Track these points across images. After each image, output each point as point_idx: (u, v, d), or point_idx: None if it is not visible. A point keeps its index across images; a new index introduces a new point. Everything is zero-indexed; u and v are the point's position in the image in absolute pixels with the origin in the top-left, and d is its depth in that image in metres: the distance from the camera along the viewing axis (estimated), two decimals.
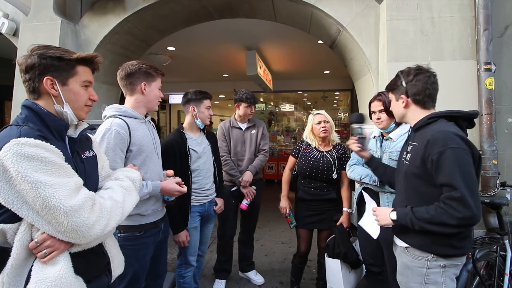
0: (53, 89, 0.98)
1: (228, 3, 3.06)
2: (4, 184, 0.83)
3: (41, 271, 0.88)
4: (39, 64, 0.95)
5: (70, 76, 1.01)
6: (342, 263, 2.06)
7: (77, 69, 1.02)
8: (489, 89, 2.18)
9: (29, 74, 0.96)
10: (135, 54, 3.49)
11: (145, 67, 1.55)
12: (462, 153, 1.17)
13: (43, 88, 0.97)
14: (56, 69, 0.97)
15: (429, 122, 1.30)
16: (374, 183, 1.76)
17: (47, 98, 0.99)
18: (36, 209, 0.85)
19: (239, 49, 5.15)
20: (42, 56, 0.96)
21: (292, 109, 10.12)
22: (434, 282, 1.27)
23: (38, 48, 0.97)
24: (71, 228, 0.88)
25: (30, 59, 0.95)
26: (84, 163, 1.06)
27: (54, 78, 0.97)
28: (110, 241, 1.14)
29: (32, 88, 0.97)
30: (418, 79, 1.33)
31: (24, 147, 0.83)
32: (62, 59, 0.98)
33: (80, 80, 1.03)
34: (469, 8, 2.30)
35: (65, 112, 1.00)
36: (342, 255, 2.04)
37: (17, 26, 3.01)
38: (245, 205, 2.52)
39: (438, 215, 1.17)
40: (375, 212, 1.44)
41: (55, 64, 0.97)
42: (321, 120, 2.24)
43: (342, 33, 2.78)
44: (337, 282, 2.07)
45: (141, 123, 1.55)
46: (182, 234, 1.90)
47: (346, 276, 2.07)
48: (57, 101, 0.99)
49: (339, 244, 2.06)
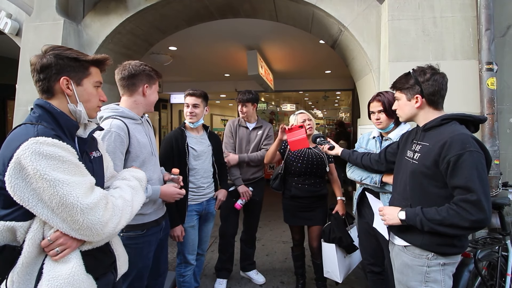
0: (68, 88, 1.00)
1: (230, 3, 3.06)
2: (21, 181, 0.84)
3: (53, 269, 0.89)
4: (56, 64, 0.97)
5: (84, 76, 1.04)
6: (337, 248, 2.15)
7: (91, 70, 1.06)
8: (491, 89, 2.18)
9: (44, 74, 0.97)
10: (137, 53, 3.50)
11: (148, 69, 1.56)
12: (480, 157, 1.18)
13: (58, 87, 0.99)
14: (72, 69, 1.00)
15: (441, 123, 1.30)
16: (375, 184, 1.76)
17: (61, 97, 1.01)
18: (52, 207, 0.86)
19: (240, 49, 5.16)
20: (59, 56, 0.98)
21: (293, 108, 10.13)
22: (434, 280, 1.28)
23: (52, 48, 0.99)
24: (86, 225, 0.89)
25: (45, 58, 0.97)
26: (92, 163, 1.08)
27: (70, 78, 1.00)
28: (116, 240, 1.16)
29: (46, 87, 0.99)
30: (435, 79, 1.32)
31: (42, 146, 0.84)
32: (78, 60, 1.02)
33: (93, 80, 1.07)
34: (471, 8, 2.30)
35: (79, 111, 1.02)
36: (338, 240, 2.13)
37: (20, 26, 3.03)
38: (239, 205, 2.51)
39: (450, 217, 1.18)
40: (381, 211, 1.43)
41: (71, 65, 1.00)
42: (305, 118, 2.31)
43: (344, 33, 2.77)
44: (332, 266, 2.16)
45: (137, 123, 1.55)
46: (178, 229, 1.91)
47: (341, 261, 2.17)
48: (71, 101, 1.02)
49: (334, 230, 2.16)
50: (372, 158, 1.73)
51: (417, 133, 1.41)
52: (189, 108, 2.08)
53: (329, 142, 2.01)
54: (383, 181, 1.72)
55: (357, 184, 2.15)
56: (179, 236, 1.92)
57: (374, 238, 1.87)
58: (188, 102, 2.09)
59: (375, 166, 1.71)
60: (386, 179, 1.69)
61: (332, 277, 2.20)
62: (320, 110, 12.47)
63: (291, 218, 2.40)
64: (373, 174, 1.77)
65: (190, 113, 2.08)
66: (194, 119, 2.09)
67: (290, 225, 2.48)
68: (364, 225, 1.94)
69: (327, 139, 2.06)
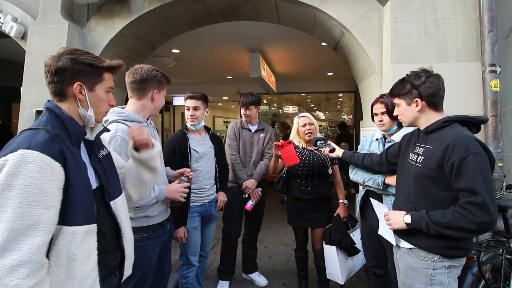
0: (81, 93, 0.99)
1: (232, 6, 3.08)
2: None
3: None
4: (71, 68, 0.96)
5: (98, 82, 1.03)
6: (338, 250, 2.17)
7: (104, 76, 1.05)
8: (494, 91, 2.17)
9: (58, 77, 0.96)
10: (141, 56, 3.53)
11: (160, 75, 1.58)
12: (484, 159, 1.18)
13: (70, 91, 0.98)
14: (86, 75, 0.99)
15: (443, 126, 1.30)
16: (378, 186, 1.76)
17: (72, 101, 1.00)
18: None
19: (243, 51, 5.18)
20: (75, 61, 0.97)
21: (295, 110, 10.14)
22: (439, 282, 1.27)
23: (69, 52, 0.98)
24: None
25: (61, 61, 0.96)
26: (102, 162, 1.08)
27: (84, 84, 0.99)
28: (129, 240, 1.15)
29: (59, 90, 0.98)
30: (431, 81, 1.32)
31: (23, 163, 0.81)
32: (94, 66, 1.01)
33: (105, 86, 1.06)
34: (473, 10, 2.30)
35: (89, 116, 1.02)
36: (337, 242, 2.15)
37: (25, 30, 3.06)
38: (250, 206, 2.53)
39: (455, 220, 1.18)
40: (386, 216, 1.43)
41: (86, 70, 0.99)
42: (306, 122, 2.32)
43: (346, 35, 2.78)
44: (334, 268, 2.17)
45: (143, 126, 1.56)
46: (180, 231, 1.92)
47: (342, 263, 2.17)
48: (82, 105, 1.01)
49: (334, 232, 2.17)
50: (373, 159, 1.73)
51: (419, 136, 1.40)
52: (190, 111, 2.10)
53: (329, 144, 2.02)
54: (385, 183, 1.72)
55: (360, 186, 2.15)
56: (182, 237, 1.93)
57: (377, 241, 1.86)
58: (188, 105, 2.10)
59: (376, 167, 1.71)
60: (389, 180, 1.69)
61: (334, 278, 2.21)
62: (322, 112, 12.47)
63: (294, 220, 2.40)
64: (375, 176, 1.77)
65: (191, 115, 2.10)
66: (195, 122, 2.11)
67: (293, 226, 2.48)
68: (367, 227, 1.94)
69: (327, 142, 2.07)
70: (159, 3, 2.88)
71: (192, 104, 2.09)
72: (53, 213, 0.85)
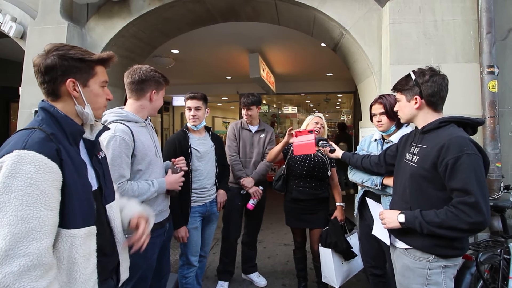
0: (75, 91, 0.95)
1: (232, 7, 3.09)
2: None
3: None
4: (60, 65, 0.92)
5: (90, 77, 0.99)
6: (334, 253, 2.16)
7: (96, 69, 1.01)
8: (492, 92, 2.18)
9: (49, 76, 0.92)
10: (140, 56, 3.53)
11: (158, 76, 1.58)
12: (478, 160, 1.19)
13: (64, 89, 0.94)
14: (77, 70, 0.95)
15: (439, 126, 1.31)
16: (376, 187, 1.77)
17: (67, 99, 0.96)
18: None
19: (242, 52, 5.18)
20: (63, 57, 0.92)
21: (295, 111, 10.14)
22: (435, 282, 1.28)
23: (56, 48, 0.94)
24: None
25: (49, 59, 0.92)
26: (102, 163, 1.08)
27: (76, 80, 0.95)
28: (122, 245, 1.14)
29: (51, 90, 0.94)
30: (434, 80, 1.33)
31: (19, 164, 0.79)
32: (83, 60, 0.96)
33: (99, 80, 1.02)
34: (472, 11, 2.31)
35: (86, 113, 0.98)
36: (333, 245, 2.14)
37: (24, 29, 3.06)
38: (251, 205, 2.54)
39: (448, 220, 1.18)
40: (381, 215, 1.44)
41: (77, 66, 0.95)
42: (318, 121, 2.33)
43: (345, 36, 2.79)
44: (329, 271, 2.16)
45: (142, 126, 1.57)
46: (182, 230, 1.92)
47: (338, 266, 2.17)
48: (78, 102, 0.97)
49: (330, 235, 2.17)
50: (372, 161, 1.74)
51: (416, 136, 1.41)
52: (191, 111, 2.10)
53: (330, 145, 2.03)
54: (384, 184, 1.72)
55: (359, 187, 2.15)
56: (183, 237, 1.93)
57: (376, 241, 1.86)
58: (189, 106, 2.11)
59: (375, 169, 1.72)
60: (387, 181, 1.70)
61: (329, 282, 2.20)
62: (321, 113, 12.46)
63: (292, 221, 2.40)
64: (374, 177, 1.78)
65: (193, 116, 2.10)
66: (197, 122, 2.11)
67: (291, 227, 2.48)
68: (366, 227, 1.94)
69: (329, 142, 2.08)
70: (159, 4, 2.89)
71: (194, 104, 2.09)
72: (55, 214, 0.84)
